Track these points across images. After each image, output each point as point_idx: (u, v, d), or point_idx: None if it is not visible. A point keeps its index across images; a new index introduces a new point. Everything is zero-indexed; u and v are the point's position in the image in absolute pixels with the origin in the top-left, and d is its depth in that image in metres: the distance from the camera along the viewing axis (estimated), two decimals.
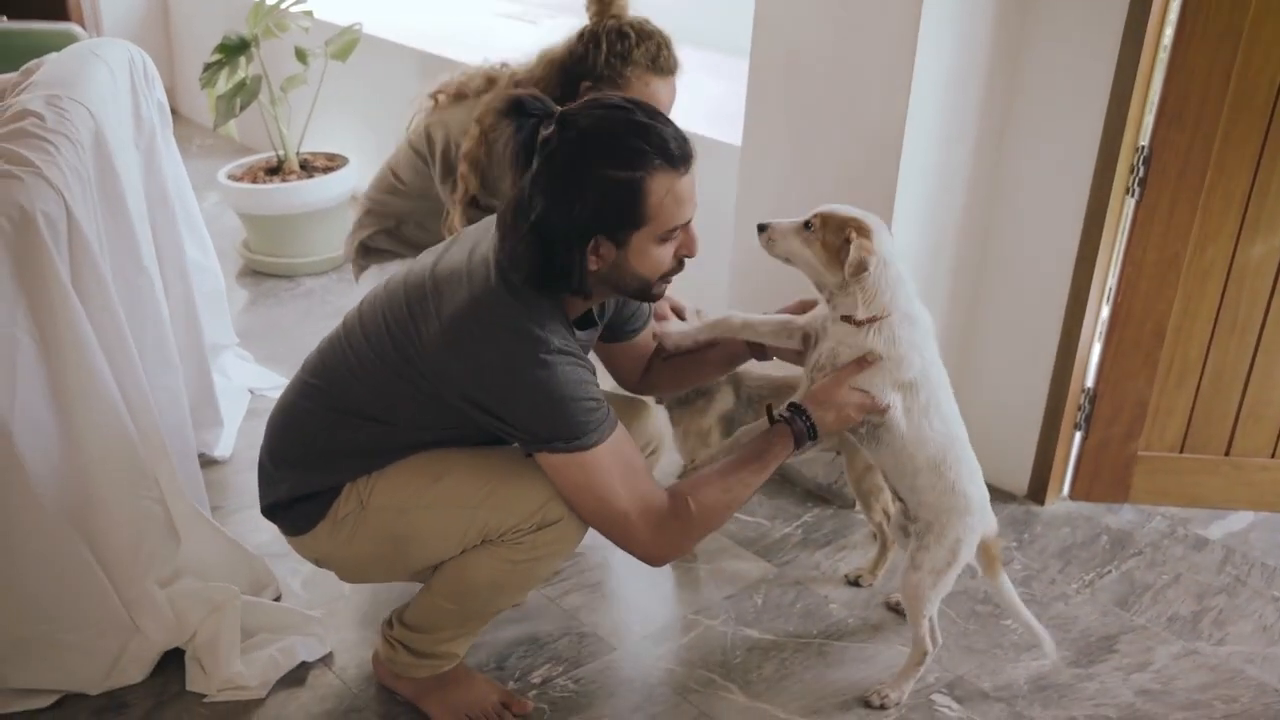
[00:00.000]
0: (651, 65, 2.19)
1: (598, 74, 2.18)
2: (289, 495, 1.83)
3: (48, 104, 1.95)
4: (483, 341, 1.63)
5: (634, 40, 2.17)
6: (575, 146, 1.56)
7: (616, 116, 1.59)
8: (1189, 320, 2.52)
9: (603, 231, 1.60)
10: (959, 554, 1.93)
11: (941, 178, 2.47)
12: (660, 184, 1.59)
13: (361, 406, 1.76)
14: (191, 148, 4.83)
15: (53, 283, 1.78)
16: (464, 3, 5.07)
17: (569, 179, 1.56)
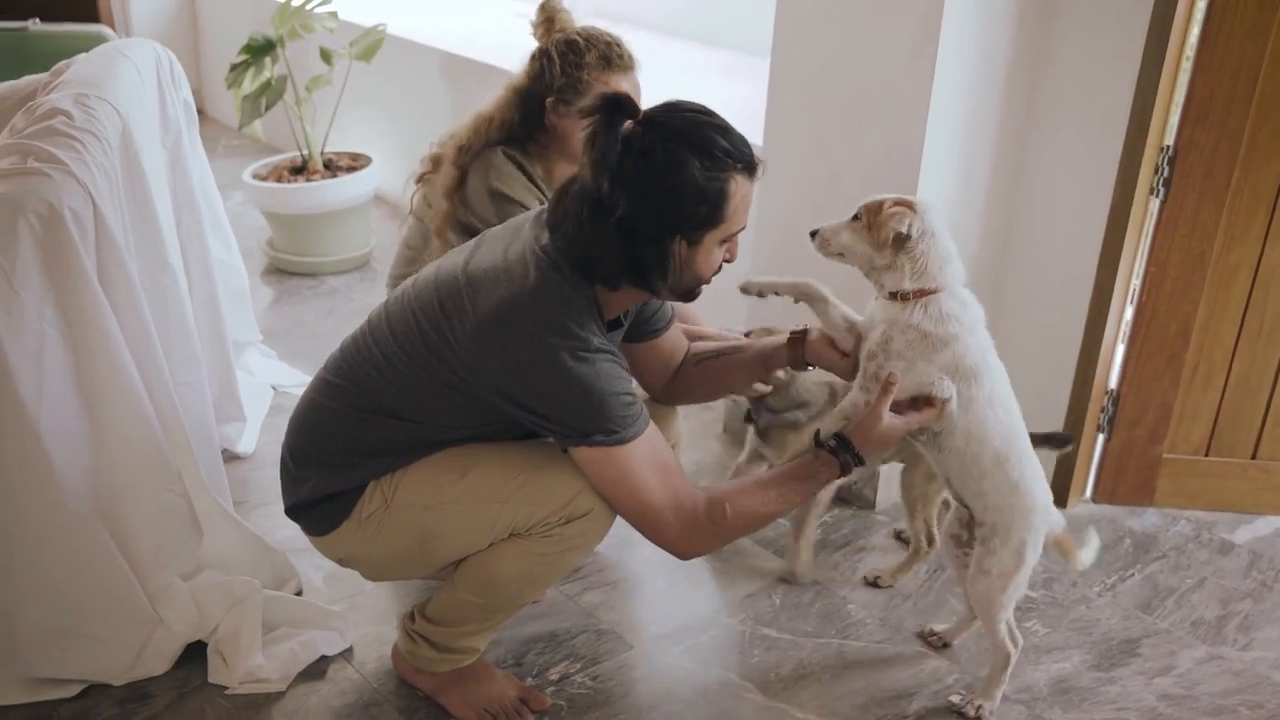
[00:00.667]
0: (606, 65, 2.20)
1: (557, 86, 2.20)
2: (312, 495, 1.83)
3: (76, 103, 1.98)
4: (523, 338, 1.64)
5: (583, 45, 2.20)
6: (667, 147, 1.60)
7: (701, 120, 1.64)
8: (1215, 321, 2.50)
9: (685, 230, 1.65)
10: (1025, 556, 1.89)
11: (963, 179, 2.46)
12: (740, 187, 1.65)
13: (387, 405, 1.77)
14: (218, 148, 4.87)
15: (80, 279, 1.80)
16: (485, 3, 5.09)
17: (662, 177, 1.60)
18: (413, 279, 1.84)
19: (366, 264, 3.90)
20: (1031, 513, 1.88)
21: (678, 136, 1.60)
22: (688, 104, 1.67)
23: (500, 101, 2.30)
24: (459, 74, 4.01)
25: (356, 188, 3.80)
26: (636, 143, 1.60)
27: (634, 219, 1.62)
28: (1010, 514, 1.87)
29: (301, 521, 1.89)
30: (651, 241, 1.64)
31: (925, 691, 2.07)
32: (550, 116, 2.22)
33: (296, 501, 1.87)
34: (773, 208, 2.66)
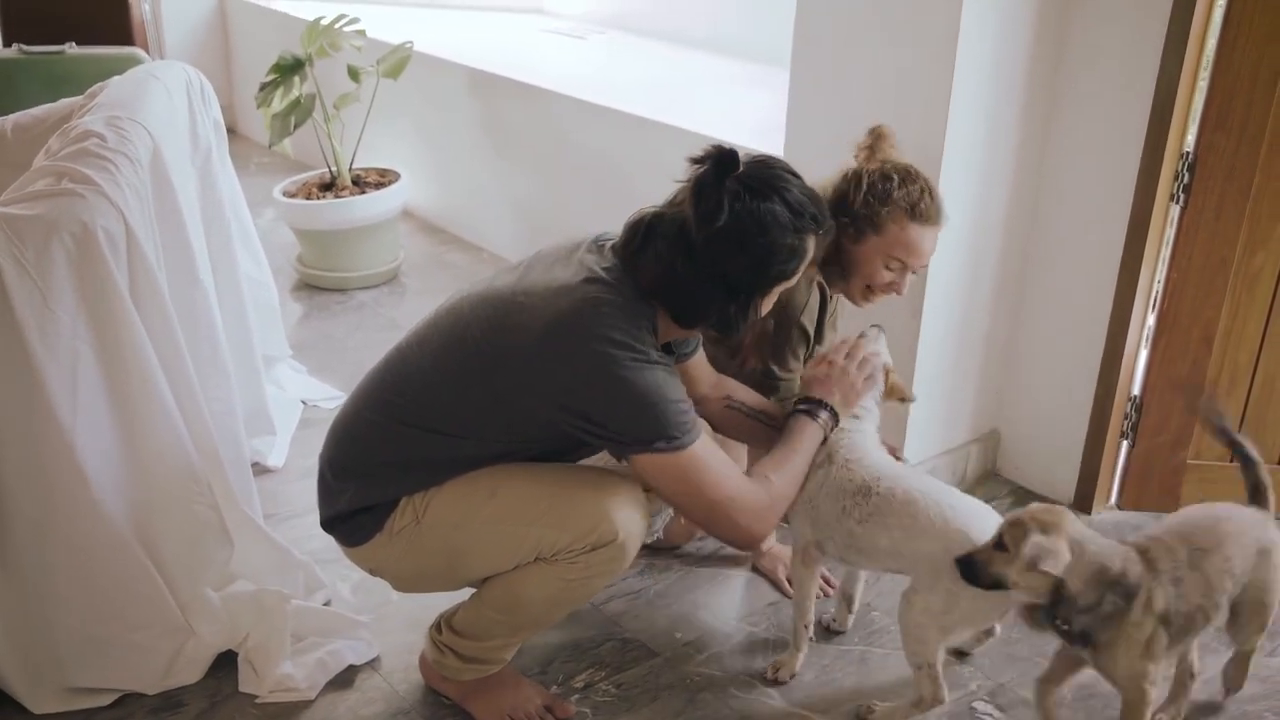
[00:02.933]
0: (911, 211, 2.10)
1: (854, 212, 2.11)
2: (348, 507, 1.86)
3: (108, 124, 2.03)
4: (586, 347, 1.69)
5: (896, 183, 2.11)
6: (768, 206, 1.70)
7: (793, 184, 1.75)
8: (1238, 326, 2.49)
9: (770, 285, 1.78)
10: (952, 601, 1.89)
11: (984, 186, 2.47)
12: (813, 247, 1.78)
13: (430, 418, 1.79)
14: (249, 166, 4.95)
15: (113, 296, 1.85)
16: (512, 20, 5.15)
17: (762, 241, 1.71)
18: (461, 294, 1.86)
19: (395, 278, 3.95)
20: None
21: (780, 200, 1.71)
22: (779, 162, 1.77)
23: None
24: (486, 90, 4.06)
25: (385, 203, 3.85)
26: (739, 201, 1.68)
27: (730, 273, 1.72)
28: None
29: (336, 533, 1.92)
30: (745, 295, 1.75)
31: (948, 698, 2.07)
32: (841, 238, 2.10)
33: (333, 514, 1.89)
34: None
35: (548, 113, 3.78)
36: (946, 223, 2.16)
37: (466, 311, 1.80)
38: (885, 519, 1.91)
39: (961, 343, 2.61)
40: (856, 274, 2.17)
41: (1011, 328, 2.70)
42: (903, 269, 2.15)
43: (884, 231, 2.10)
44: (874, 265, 2.14)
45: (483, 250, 4.20)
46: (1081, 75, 2.42)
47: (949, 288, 2.51)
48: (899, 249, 2.11)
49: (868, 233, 2.11)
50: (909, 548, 1.91)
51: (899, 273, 2.15)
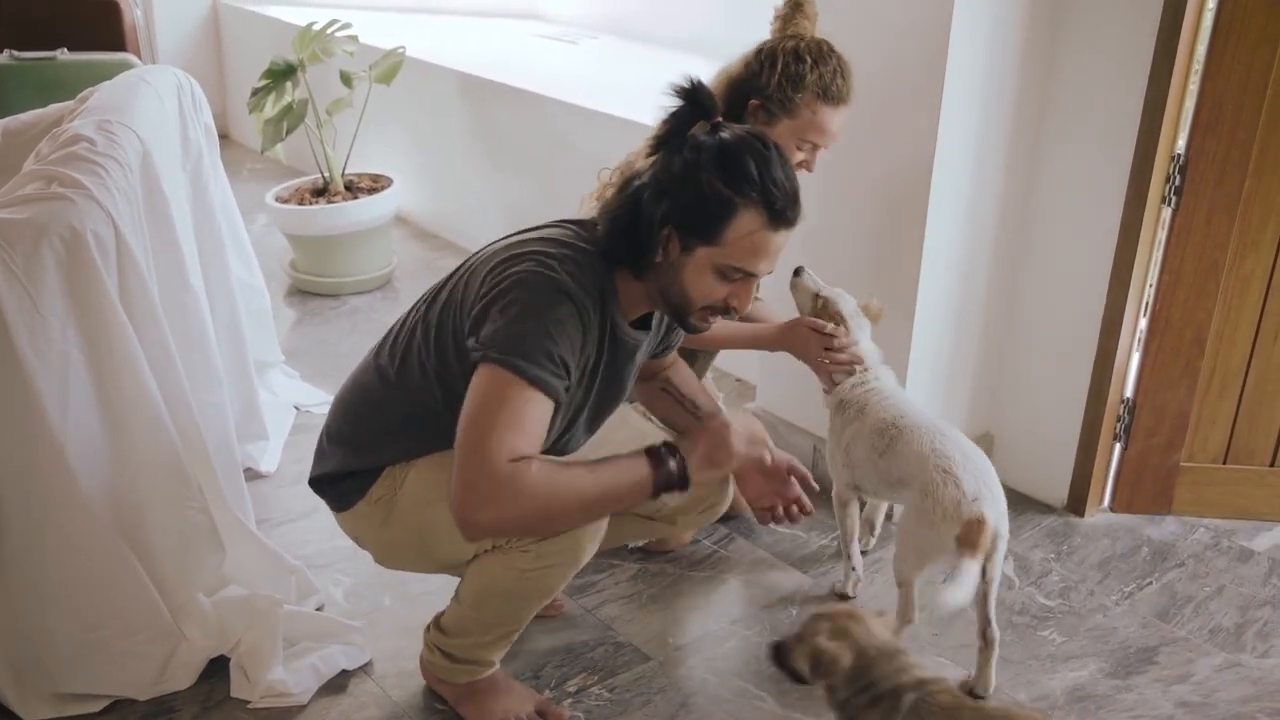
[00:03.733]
0: (823, 93, 2.14)
1: (768, 93, 2.15)
2: (334, 470, 1.89)
3: (98, 129, 2.03)
4: (521, 263, 1.66)
5: (809, 65, 2.13)
6: (706, 147, 1.63)
7: (754, 147, 1.63)
8: (1230, 329, 2.49)
9: (679, 227, 1.65)
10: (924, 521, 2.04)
11: (975, 191, 2.47)
12: (748, 220, 1.62)
13: (416, 385, 1.79)
14: (242, 172, 4.95)
15: (102, 300, 1.85)
16: (506, 25, 5.15)
17: (683, 169, 1.63)
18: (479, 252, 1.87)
19: (388, 283, 3.95)
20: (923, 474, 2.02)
21: (722, 145, 1.62)
22: (764, 137, 1.67)
23: (717, 86, 2.26)
24: (479, 95, 4.07)
25: (377, 208, 3.85)
26: (693, 140, 1.64)
27: (646, 192, 1.66)
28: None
29: (324, 495, 1.94)
30: (650, 219, 1.65)
31: None
32: (749, 117, 2.19)
33: (320, 474, 1.92)
34: None
35: (541, 117, 3.78)
36: (857, 100, 2.20)
37: (462, 277, 1.79)
38: (896, 447, 2.11)
39: (955, 346, 2.62)
40: None
41: (1004, 331, 2.70)
42: (813, 149, 2.20)
43: (797, 115, 2.14)
44: (786, 146, 2.14)
45: None
46: (1073, 79, 2.43)
47: (942, 291, 2.51)
48: (811, 132, 2.16)
49: (780, 115, 2.15)
50: (905, 471, 2.09)
51: (810, 153, 2.20)
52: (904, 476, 2.10)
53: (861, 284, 2.54)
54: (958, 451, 2.04)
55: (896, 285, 2.47)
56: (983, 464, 2.04)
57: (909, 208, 2.41)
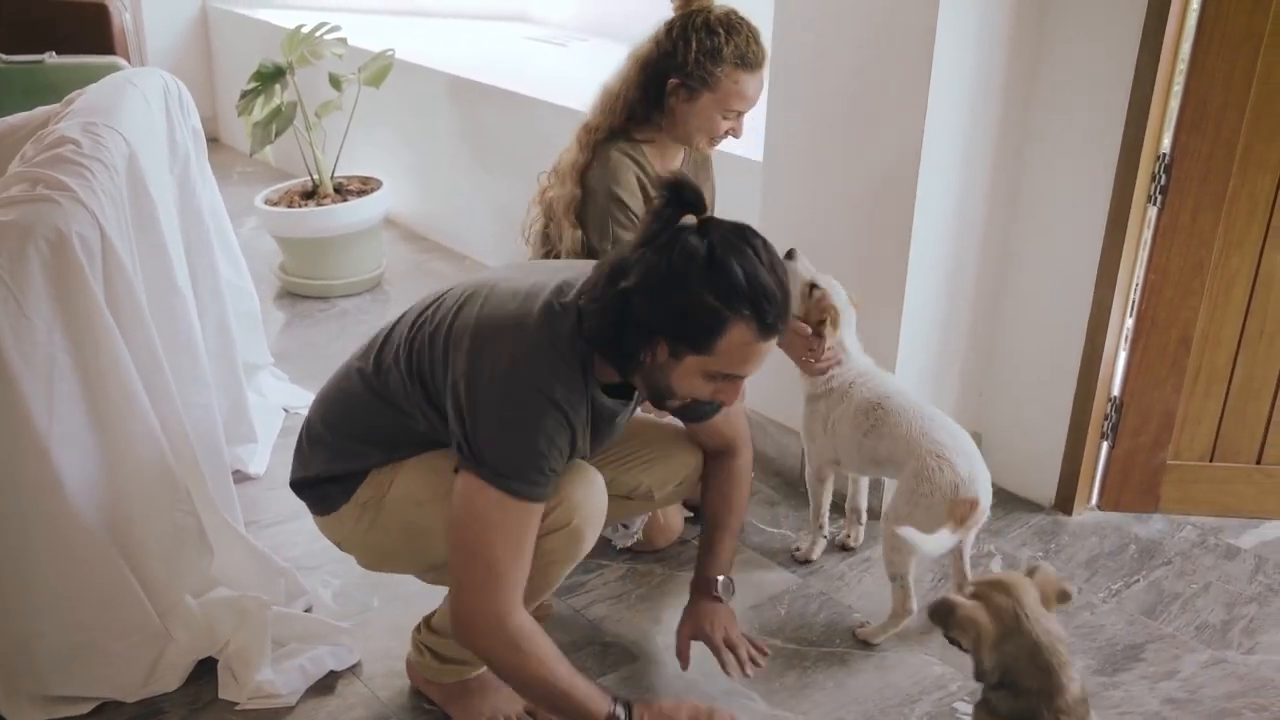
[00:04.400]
0: (740, 62, 2.21)
1: (686, 70, 2.21)
2: (317, 474, 1.88)
3: (84, 131, 2.03)
4: (504, 354, 1.66)
5: (723, 36, 2.19)
6: (695, 256, 1.58)
7: (748, 256, 1.60)
8: (1215, 327, 2.50)
9: (668, 337, 1.63)
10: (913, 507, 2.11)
11: (961, 189, 2.48)
12: (739, 335, 1.61)
13: (394, 392, 1.80)
14: (232, 175, 4.94)
15: (88, 302, 1.85)
16: (494, 27, 5.16)
17: (672, 279, 1.58)
18: (459, 283, 1.85)
19: (378, 286, 3.95)
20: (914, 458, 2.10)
21: (711, 253, 1.57)
22: (758, 237, 1.64)
23: (624, 76, 2.32)
24: (468, 97, 4.07)
25: (367, 211, 3.85)
26: (680, 237, 1.59)
27: (634, 297, 1.61)
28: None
29: (305, 499, 1.94)
30: (636, 327, 1.62)
31: (929, 698, 2.08)
32: (670, 98, 2.24)
33: (302, 478, 1.92)
34: (774, 222, 2.68)
35: (530, 120, 3.79)
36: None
37: (448, 299, 1.80)
38: (881, 429, 2.19)
39: (942, 346, 2.62)
40: (697, 129, 2.29)
41: (992, 331, 2.71)
42: (737, 116, 2.28)
43: (718, 88, 2.22)
44: (711, 119, 2.26)
45: (466, 258, 4.21)
46: (1058, 78, 2.44)
47: (929, 290, 2.52)
48: (734, 100, 2.25)
49: (701, 90, 2.23)
50: (893, 453, 2.17)
51: (735, 120, 2.29)
52: (891, 457, 2.18)
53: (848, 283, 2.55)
54: (947, 435, 2.14)
55: (883, 284, 2.47)
56: (969, 444, 2.15)
57: (895, 207, 2.42)
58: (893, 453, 2.19)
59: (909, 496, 2.12)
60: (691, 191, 1.62)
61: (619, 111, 2.31)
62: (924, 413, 2.18)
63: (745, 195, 2.74)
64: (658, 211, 1.63)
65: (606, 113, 2.34)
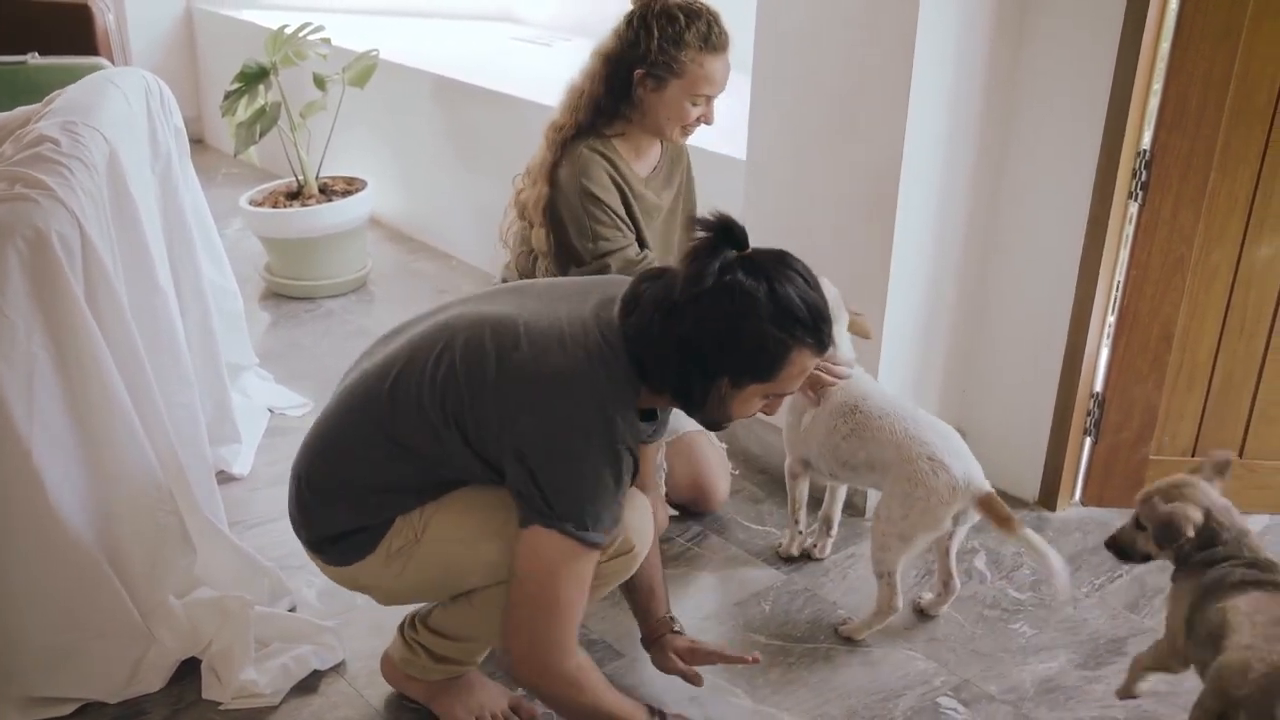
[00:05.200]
0: (704, 45, 2.21)
1: (651, 60, 2.22)
2: (339, 531, 1.81)
3: (63, 129, 2.02)
4: (567, 408, 1.64)
5: (684, 22, 2.19)
6: (756, 295, 1.60)
7: (798, 283, 1.63)
8: (1196, 323, 2.51)
9: (734, 374, 1.66)
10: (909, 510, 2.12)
11: (944, 188, 2.49)
12: (800, 358, 1.66)
13: (420, 441, 1.73)
14: (217, 176, 4.93)
15: (68, 301, 1.84)
16: (479, 28, 5.15)
17: (736, 322, 1.61)
18: (454, 310, 1.80)
19: (363, 286, 3.94)
20: (907, 463, 2.09)
21: (772, 290, 1.60)
22: (797, 261, 1.67)
23: (589, 72, 2.33)
24: (453, 97, 4.07)
25: (351, 211, 3.85)
26: (729, 274, 1.60)
27: (696, 343, 1.62)
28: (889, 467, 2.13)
29: (324, 555, 1.85)
30: (702, 370, 1.65)
31: (912, 693, 2.08)
32: (638, 90, 2.24)
33: (321, 536, 1.83)
34: (757, 221, 2.69)
35: (516, 120, 3.78)
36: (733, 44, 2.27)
37: (464, 330, 1.72)
38: (863, 433, 2.16)
39: (925, 343, 2.63)
40: (669, 119, 2.29)
41: (974, 327, 2.72)
42: (707, 101, 2.29)
43: (685, 73, 2.23)
44: (681, 107, 2.27)
45: (451, 258, 4.20)
46: (1039, 76, 2.45)
47: (912, 287, 2.53)
48: (702, 85, 2.25)
49: (668, 78, 2.23)
50: (879, 458, 2.15)
51: (705, 105, 2.29)
52: (874, 462, 2.16)
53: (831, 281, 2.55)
54: (936, 435, 2.13)
55: (866, 281, 2.48)
56: (958, 442, 2.16)
57: (878, 204, 2.43)
58: (876, 457, 2.16)
59: (903, 500, 2.10)
60: (739, 231, 1.63)
61: (584, 108, 2.32)
62: (907, 413, 2.17)
63: (728, 193, 2.74)
64: (706, 250, 1.61)
65: (572, 110, 2.34)
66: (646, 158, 2.42)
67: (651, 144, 2.42)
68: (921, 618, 2.29)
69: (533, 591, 1.70)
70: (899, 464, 2.12)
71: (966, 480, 2.09)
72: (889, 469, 2.14)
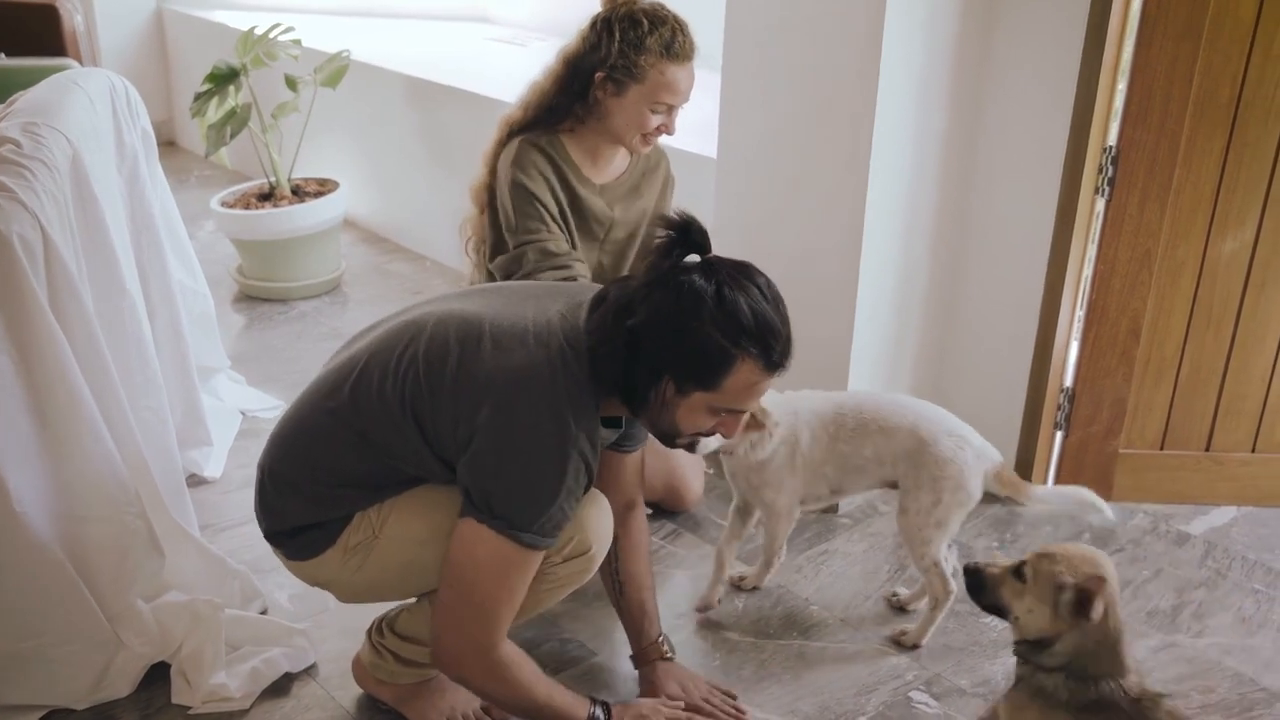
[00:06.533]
0: (666, 52, 2.18)
1: (611, 64, 2.19)
2: (296, 523, 1.81)
3: (24, 131, 2.00)
4: (521, 407, 1.64)
5: (647, 27, 2.17)
6: (704, 296, 1.59)
7: (753, 295, 1.62)
8: (1164, 317, 2.54)
9: (676, 376, 1.64)
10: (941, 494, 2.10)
11: (913, 185, 2.50)
12: (747, 372, 1.63)
13: (381, 434, 1.73)
14: (190, 178, 4.90)
15: (31, 304, 1.82)
16: (453, 28, 5.14)
17: (680, 318, 1.60)
18: (424, 308, 1.80)
19: (336, 288, 3.92)
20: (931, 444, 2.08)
21: (719, 292, 1.60)
22: (760, 275, 1.66)
23: (549, 71, 2.31)
24: (426, 98, 4.05)
25: (325, 212, 3.83)
26: (684, 273, 1.61)
27: (643, 336, 1.62)
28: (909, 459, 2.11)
29: (282, 548, 1.86)
30: (646, 367, 1.64)
31: (885, 688, 2.09)
32: (597, 91, 2.23)
33: (280, 529, 1.84)
34: (728, 216, 2.70)
35: (490, 120, 3.70)
36: (699, 53, 2.25)
37: (430, 326, 1.73)
38: (868, 428, 2.13)
39: (896, 339, 2.64)
40: (627, 125, 2.26)
41: (945, 322, 2.73)
42: (668, 110, 2.25)
43: (644, 79, 2.19)
44: (641, 113, 2.24)
45: (426, 259, 4.19)
46: (1006, 74, 2.47)
47: (881, 285, 2.53)
48: (663, 93, 2.22)
49: (628, 83, 2.21)
50: (888, 450, 2.12)
51: (666, 114, 2.25)
52: (884, 455, 2.13)
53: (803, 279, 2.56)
54: (936, 412, 2.16)
55: (836, 278, 2.49)
56: (948, 414, 2.18)
57: (848, 202, 2.44)
58: (886, 449, 2.12)
59: (932, 485, 2.09)
60: (699, 232, 1.63)
61: (534, 105, 2.31)
62: (900, 398, 2.19)
63: (699, 191, 2.74)
64: (664, 249, 1.63)
65: (523, 105, 2.33)
66: (606, 165, 2.37)
67: (613, 151, 2.37)
68: (896, 613, 2.30)
69: (461, 581, 1.69)
70: (920, 448, 2.09)
71: (984, 447, 2.12)
72: (907, 457, 2.11)
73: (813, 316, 2.34)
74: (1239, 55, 2.32)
